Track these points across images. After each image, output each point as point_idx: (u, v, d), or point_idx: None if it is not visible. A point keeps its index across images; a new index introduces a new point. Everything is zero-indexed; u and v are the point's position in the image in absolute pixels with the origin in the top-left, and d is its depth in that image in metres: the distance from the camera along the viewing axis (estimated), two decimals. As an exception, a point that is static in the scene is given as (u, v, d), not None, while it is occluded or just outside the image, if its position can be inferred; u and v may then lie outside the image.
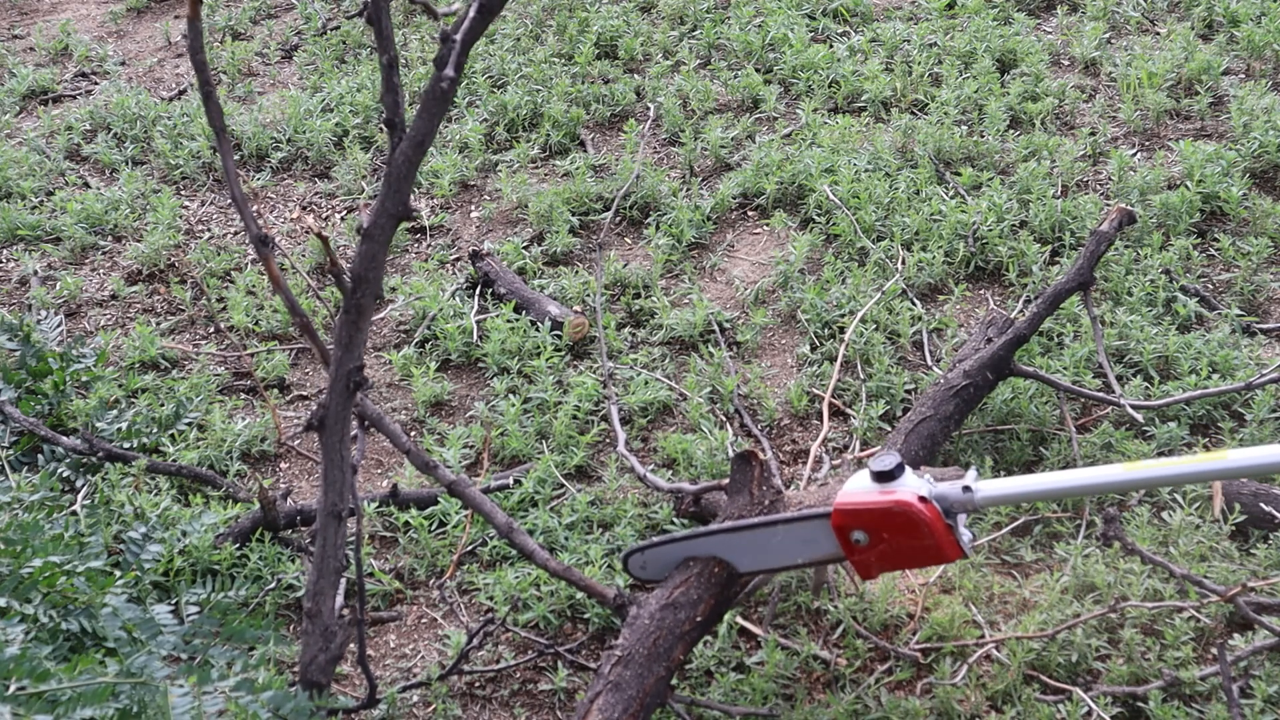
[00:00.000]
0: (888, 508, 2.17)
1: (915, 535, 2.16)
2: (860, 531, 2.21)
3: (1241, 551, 2.70)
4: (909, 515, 2.15)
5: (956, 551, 2.19)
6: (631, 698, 2.19)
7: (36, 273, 4.04)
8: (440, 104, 2.03)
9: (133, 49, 5.56)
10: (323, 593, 2.19)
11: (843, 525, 2.22)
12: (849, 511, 2.21)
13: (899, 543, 2.18)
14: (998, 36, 4.64)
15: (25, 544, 2.37)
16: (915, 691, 2.50)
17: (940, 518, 2.16)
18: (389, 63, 2.02)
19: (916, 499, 2.15)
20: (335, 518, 2.18)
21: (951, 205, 3.81)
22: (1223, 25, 4.67)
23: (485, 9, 1.98)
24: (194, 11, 2.02)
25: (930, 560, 2.24)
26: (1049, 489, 2.24)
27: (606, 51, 4.99)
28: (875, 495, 2.19)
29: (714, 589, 2.36)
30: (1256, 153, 3.90)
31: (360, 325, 2.15)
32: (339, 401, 2.16)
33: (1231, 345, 3.22)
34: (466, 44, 2.00)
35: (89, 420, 3.25)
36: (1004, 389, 3.10)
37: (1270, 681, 2.38)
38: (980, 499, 2.18)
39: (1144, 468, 2.18)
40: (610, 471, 3.06)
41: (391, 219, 2.10)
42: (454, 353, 3.54)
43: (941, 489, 2.18)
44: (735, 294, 3.70)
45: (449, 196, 4.26)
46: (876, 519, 2.19)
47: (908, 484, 2.18)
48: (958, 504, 2.18)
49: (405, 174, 2.06)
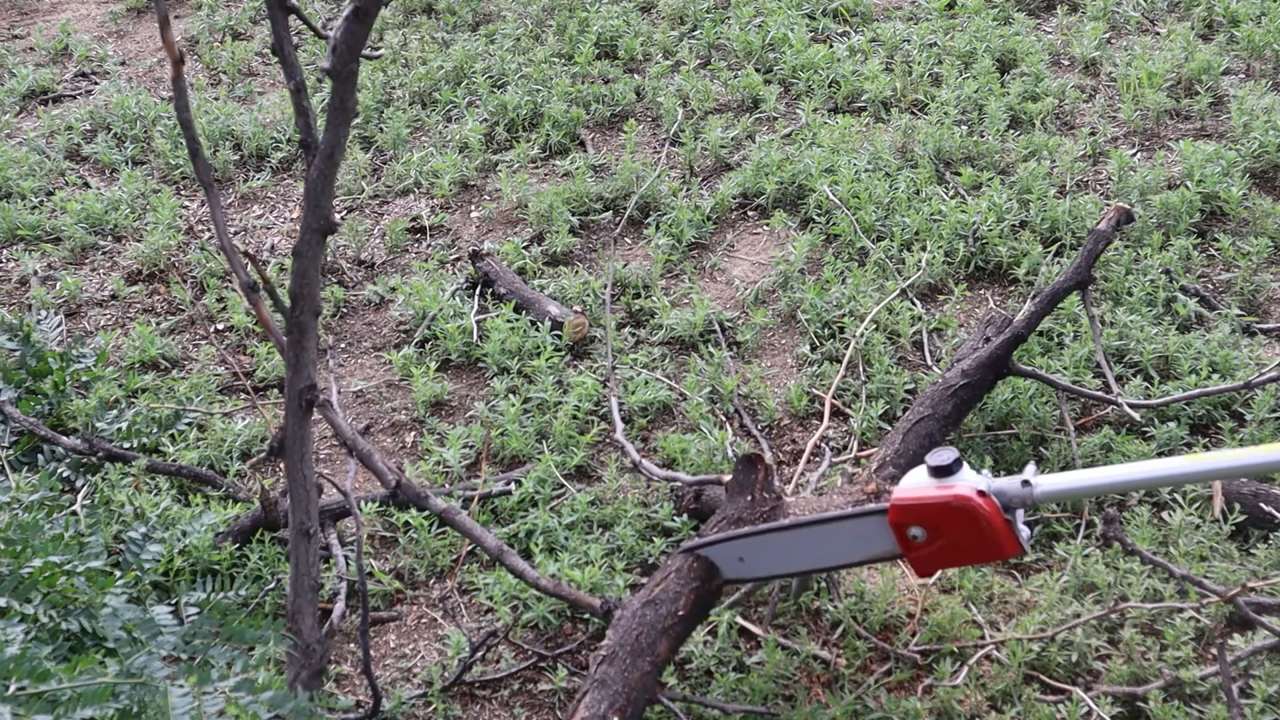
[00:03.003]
0: (947, 502, 2.12)
1: (974, 530, 2.12)
2: (918, 527, 2.17)
3: (1241, 551, 2.70)
4: (969, 509, 2.11)
5: (1015, 547, 2.14)
6: (617, 693, 2.21)
7: (36, 273, 4.04)
8: (342, 114, 2.07)
9: (133, 49, 5.56)
10: (300, 610, 2.21)
11: (900, 521, 2.18)
12: (906, 507, 2.16)
13: (957, 538, 2.14)
14: (998, 36, 4.64)
15: (25, 544, 2.37)
16: (915, 692, 2.49)
17: (999, 512, 2.12)
18: (297, 87, 2.08)
19: (976, 493, 2.11)
20: (304, 535, 2.20)
21: (951, 205, 3.81)
22: (1223, 25, 4.67)
23: (360, 13, 2.00)
24: (177, 72, 2.07)
25: (989, 556, 2.18)
26: (1110, 483, 2.17)
27: (606, 51, 4.99)
28: (933, 490, 2.14)
29: (693, 583, 2.37)
30: (1256, 153, 3.90)
31: (304, 344, 2.17)
32: (295, 422, 2.19)
33: (1231, 345, 3.22)
34: (348, 47, 2.03)
35: (89, 420, 3.26)
36: (1004, 389, 3.10)
37: (1270, 681, 2.38)
38: (1040, 494, 2.13)
39: (1209, 459, 2.10)
40: (610, 471, 3.06)
41: (317, 234, 2.13)
42: (454, 353, 3.54)
43: (1000, 484, 2.14)
44: (735, 294, 3.70)
45: (449, 196, 4.26)
46: (935, 514, 2.14)
47: (966, 478, 2.14)
48: (1016, 499, 2.13)
49: (322, 189, 2.10)
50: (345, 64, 2.02)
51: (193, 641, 2.00)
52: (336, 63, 2.01)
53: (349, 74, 2.03)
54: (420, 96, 4.78)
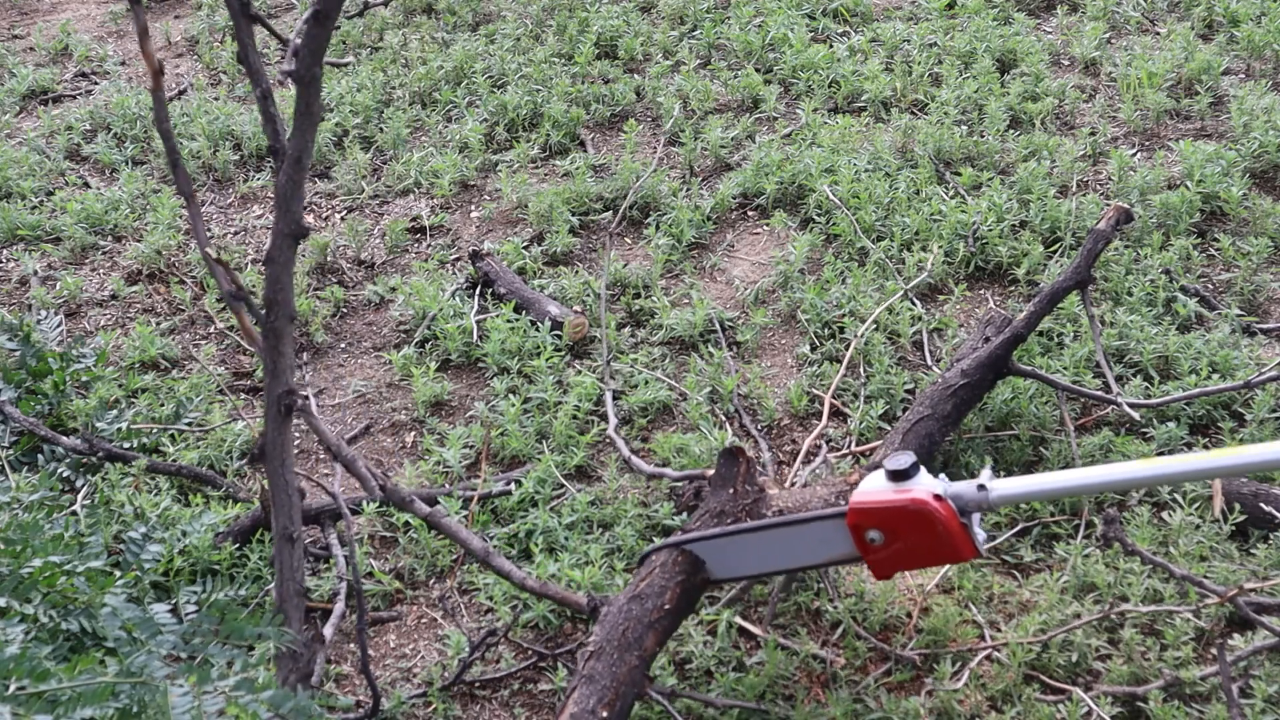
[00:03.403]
0: (904, 506, 2.16)
1: (930, 534, 2.15)
2: (876, 531, 2.20)
3: (1241, 551, 2.70)
4: (925, 514, 2.14)
5: (971, 550, 2.18)
6: (605, 687, 2.22)
7: (36, 273, 4.04)
8: (307, 119, 2.08)
9: (133, 49, 5.56)
10: (288, 616, 2.21)
11: (858, 524, 2.22)
12: (865, 510, 2.20)
13: (914, 541, 2.18)
14: (998, 36, 4.64)
15: (25, 544, 2.37)
16: (915, 692, 2.49)
17: (955, 516, 2.15)
18: (263, 94, 2.10)
19: (932, 497, 2.15)
20: (288, 540, 2.22)
21: (951, 205, 3.81)
22: (1223, 25, 4.67)
23: (321, 16, 2.02)
24: (156, 84, 2.10)
25: (945, 559, 2.23)
26: (1064, 487, 2.22)
27: (606, 51, 4.99)
28: (890, 494, 2.18)
29: (678, 577, 2.39)
30: (1256, 153, 3.90)
31: (281, 349, 2.18)
32: (275, 428, 2.20)
33: (1231, 345, 3.22)
34: (310, 51, 2.04)
35: (89, 420, 3.26)
36: (1003, 389, 3.10)
37: (1270, 681, 2.38)
38: (995, 498, 2.17)
39: (1160, 464, 2.14)
40: (610, 471, 3.06)
41: (289, 239, 2.15)
42: (454, 353, 3.54)
43: (957, 488, 2.18)
44: (735, 294, 3.70)
45: (449, 196, 4.26)
46: (892, 518, 2.18)
47: (923, 483, 2.17)
48: (973, 502, 2.17)
49: (291, 193, 2.12)
50: (308, 68, 2.05)
51: (192, 640, 2.00)
52: (300, 67, 2.05)
53: (312, 78, 2.06)
54: (420, 96, 4.79)
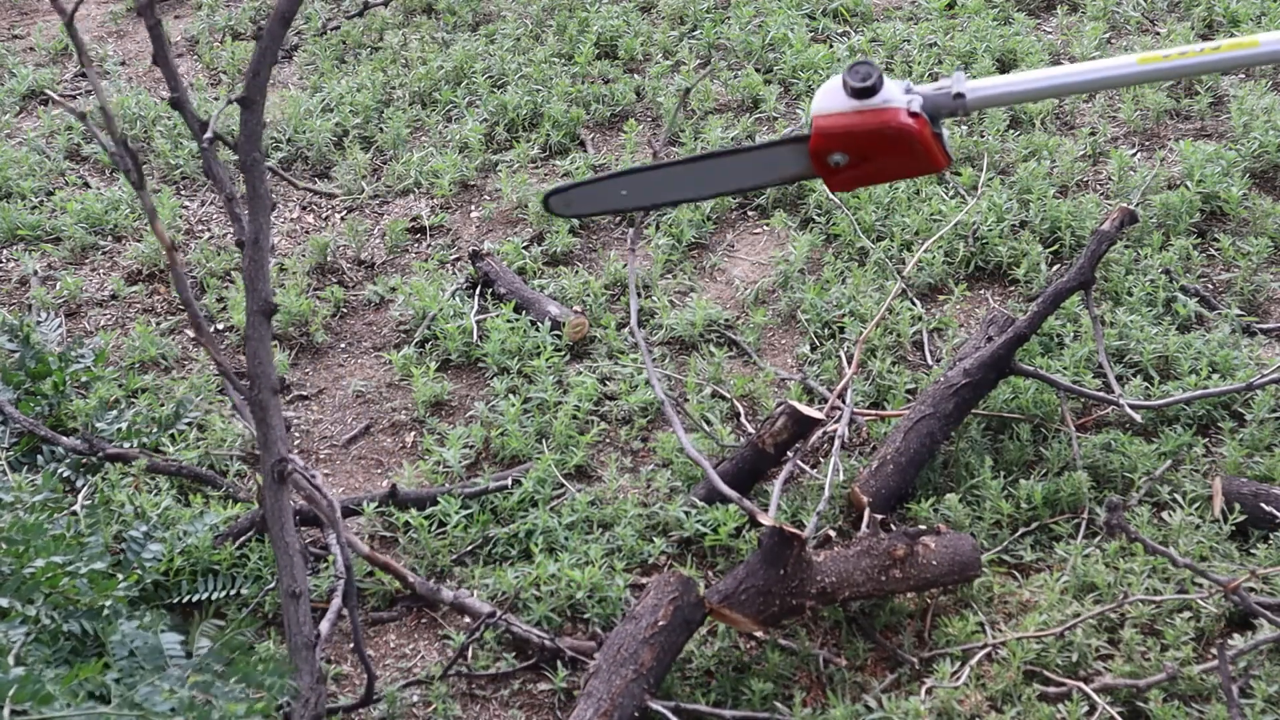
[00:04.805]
0: (876, 129, 1.96)
1: (905, 153, 1.98)
2: (841, 154, 2.01)
3: (1241, 551, 2.71)
4: (903, 134, 1.95)
5: (945, 160, 2.02)
6: (601, 699, 2.35)
7: (36, 273, 4.04)
8: (257, 203, 2.16)
9: (133, 49, 5.56)
10: (298, 667, 2.26)
11: (822, 149, 2.01)
12: (831, 134, 1.99)
13: (885, 161, 1.99)
14: (998, 36, 4.64)
15: (27, 545, 2.37)
16: (915, 692, 2.50)
17: (930, 131, 1.98)
18: (228, 198, 2.23)
19: (907, 114, 1.95)
20: (293, 598, 2.26)
21: (951, 205, 3.81)
22: (1223, 25, 4.67)
23: (246, 102, 2.13)
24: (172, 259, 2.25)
25: (916, 172, 2.05)
26: (1045, 86, 2.01)
27: (606, 51, 4.99)
28: (858, 115, 1.97)
29: (670, 594, 2.50)
30: (1256, 153, 3.90)
31: (269, 421, 2.23)
32: (272, 495, 2.26)
33: (1231, 345, 3.23)
34: (246, 138, 2.14)
35: (89, 420, 3.25)
36: (1004, 388, 3.11)
37: (1270, 681, 2.39)
38: (972, 101, 1.98)
39: (1153, 60, 1.95)
40: (610, 471, 3.06)
41: (260, 315, 2.21)
42: (454, 353, 3.54)
43: (932, 99, 1.98)
44: (735, 294, 3.70)
45: (449, 196, 4.26)
46: (862, 140, 1.98)
47: (893, 99, 1.96)
48: (947, 110, 1.99)
49: (256, 273, 2.20)
50: (248, 154, 2.15)
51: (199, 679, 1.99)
52: (242, 155, 2.14)
53: (252, 162, 2.16)
54: (420, 96, 4.78)
